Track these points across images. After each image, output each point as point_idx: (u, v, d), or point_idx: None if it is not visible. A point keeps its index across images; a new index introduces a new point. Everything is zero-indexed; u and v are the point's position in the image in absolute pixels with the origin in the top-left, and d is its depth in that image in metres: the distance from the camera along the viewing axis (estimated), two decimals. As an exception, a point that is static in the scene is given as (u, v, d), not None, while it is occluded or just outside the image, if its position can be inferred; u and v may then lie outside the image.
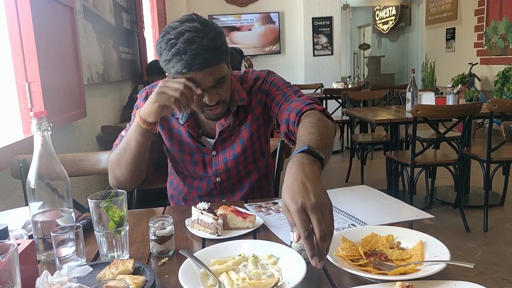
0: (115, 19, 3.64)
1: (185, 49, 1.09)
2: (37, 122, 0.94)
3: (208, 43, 1.11)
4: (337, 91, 5.06)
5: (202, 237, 1.06)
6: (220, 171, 1.39)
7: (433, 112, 2.84)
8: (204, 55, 1.10)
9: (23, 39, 1.87)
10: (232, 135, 1.37)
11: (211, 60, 1.13)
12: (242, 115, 1.37)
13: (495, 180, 3.21)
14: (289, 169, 0.83)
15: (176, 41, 1.10)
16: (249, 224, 1.09)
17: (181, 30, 1.11)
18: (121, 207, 0.94)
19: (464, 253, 2.62)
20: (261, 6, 7.48)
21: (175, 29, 1.12)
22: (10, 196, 1.76)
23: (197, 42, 1.10)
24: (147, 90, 1.38)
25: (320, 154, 0.87)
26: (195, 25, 1.12)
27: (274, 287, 0.77)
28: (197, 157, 1.38)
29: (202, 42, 1.10)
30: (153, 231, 0.97)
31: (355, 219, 1.10)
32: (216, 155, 1.38)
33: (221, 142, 1.37)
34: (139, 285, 0.79)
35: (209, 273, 0.83)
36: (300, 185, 0.78)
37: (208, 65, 1.12)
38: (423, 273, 0.79)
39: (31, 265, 0.84)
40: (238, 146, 1.38)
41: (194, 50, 1.09)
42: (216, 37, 1.14)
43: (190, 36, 1.10)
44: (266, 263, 0.88)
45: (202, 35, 1.11)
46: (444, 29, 7.60)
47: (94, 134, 2.97)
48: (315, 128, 1.02)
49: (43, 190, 0.96)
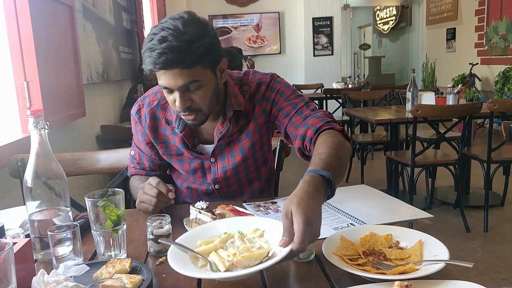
0: (115, 18, 3.63)
1: (155, 47, 1.07)
2: (34, 121, 0.93)
3: (179, 44, 1.06)
4: (337, 91, 5.06)
5: None
6: (219, 179, 1.36)
7: (433, 112, 2.84)
8: (169, 55, 1.07)
9: (21, 38, 1.87)
10: (231, 141, 1.33)
11: (177, 62, 1.08)
12: (242, 121, 1.32)
13: (495, 180, 3.20)
14: (307, 184, 0.88)
15: (154, 37, 1.09)
16: None
17: (163, 26, 1.09)
18: (119, 206, 0.93)
19: (464, 253, 2.61)
20: (261, 6, 7.47)
21: (161, 23, 1.11)
22: (8, 196, 1.76)
23: (169, 41, 1.07)
24: (139, 103, 1.36)
25: (334, 190, 0.93)
26: (176, 24, 1.08)
27: (267, 257, 0.79)
28: (195, 165, 1.36)
29: (173, 43, 1.06)
30: (150, 230, 0.97)
31: (354, 219, 1.10)
32: (215, 162, 1.35)
33: (219, 149, 1.34)
34: (136, 284, 0.78)
35: (197, 255, 0.84)
36: (314, 207, 0.83)
37: (172, 66, 1.08)
38: (422, 272, 0.79)
39: (28, 264, 0.84)
40: (238, 154, 1.34)
41: (162, 49, 1.06)
42: (194, 40, 1.09)
43: (165, 35, 1.07)
44: (253, 237, 0.89)
45: (177, 34, 1.07)
46: (444, 29, 7.60)
47: (93, 133, 2.96)
48: (336, 156, 1.01)
49: (40, 189, 0.96)
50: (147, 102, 1.35)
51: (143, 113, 1.34)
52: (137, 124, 1.36)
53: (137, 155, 1.42)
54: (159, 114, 1.33)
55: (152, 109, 1.33)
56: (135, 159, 1.42)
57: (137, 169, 1.42)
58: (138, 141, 1.39)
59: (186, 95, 1.15)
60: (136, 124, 1.37)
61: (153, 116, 1.33)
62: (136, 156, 1.42)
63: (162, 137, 1.35)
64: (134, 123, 1.38)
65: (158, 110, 1.33)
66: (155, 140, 1.35)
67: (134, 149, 1.42)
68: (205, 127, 1.32)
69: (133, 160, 1.43)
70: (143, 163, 1.41)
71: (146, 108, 1.34)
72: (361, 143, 4.07)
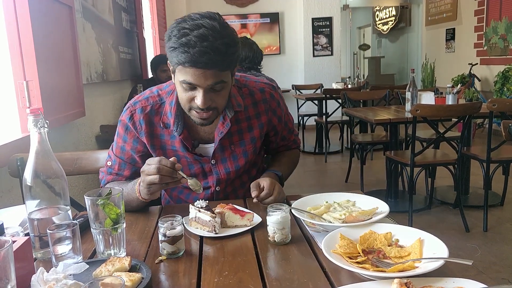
0: (115, 18, 3.63)
1: (195, 43, 1.06)
2: (33, 119, 0.93)
3: (220, 46, 1.08)
4: (337, 91, 5.05)
5: (200, 235, 1.06)
6: (222, 181, 1.37)
7: (432, 112, 2.84)
8: (212, 55, 1.07)
9: (21, 38, 1.87)
10: (232, 143, 1.34)
11: (217, 63, 1.09)
12: (244, 123, 1.34)
13: (495, 180, 3.20)
14: (268, 176, 1.32)
15: (190, 32, 1.07)
16: (247, 222, 1.09)
17: (199, 23, 1.08)
18: (118, 204, 0.93)
19: (464, 253, 2.61)
20: (261, 6, 7.48)
21: (193, 20, 1.09)
22: (8, 195, 1.76)
23: (211, 41, 1.07)
24: (130, 109, 1.31)
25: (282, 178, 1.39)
26: (214, 24, 1.09)
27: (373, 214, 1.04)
28: (196, 169, 1.34)
29: (215, 43, 1.07)
30: (163, 232, 0.94)
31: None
32: (216, 164, 1.35)
33: (220, 150, 1.33)
34: (135, 283, 0.78)
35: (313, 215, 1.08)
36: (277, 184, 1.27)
37: (212, 67, 1.09)
38: (421, 270, 0.79)
39: (27, 263, 0.84)
40: (241, 158, 1.36)
41: (204, 48, 1.06)
42: (230, 44, 1.11)
43: (206, 33, 1.07)
44: (347, 206, 1.13)
45: (218, 36, 1.08)
46: (444, 29, 7.60)
47: (93, 133, 2.96)
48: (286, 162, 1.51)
49: (40, 187, 0.96)
50: (139, 107, 1.30)
51: (137, 119, 1.29)
52: (129, 131, 1.30)
53: (116, 165, 1.34)
54: (154, 120, 1.29)
55: (146, 115, 1.29)
56: (113, 170, 1.34)
57: (115, 176, 1.35)
58: (122, 150, 1.33)
59: (210, 94, 1.16)
60: (128, 132, 1.31)
61: (149, 121, 1.29)
62: (114, 167, 1.34)
63: (159, 143, 1.31)
64: (124, 131, 1.31)
65: (153, 116, 1.29)
66: (152, 146, 1.31)
67: (113, 159, 1.35)
68: (205, 128, 1.32)
69: (110, 171, 1.35)
70: (122, 173, 1.34)
71: (140, 113, 1.29)
72: (360, 143, 4.07)
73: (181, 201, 1.43)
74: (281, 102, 1.43)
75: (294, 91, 6.26)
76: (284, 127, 1.47)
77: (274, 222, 0.98)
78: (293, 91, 6.35)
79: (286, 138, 1.51)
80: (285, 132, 1.49)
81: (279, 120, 1.42)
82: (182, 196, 1.43)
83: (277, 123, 1.42)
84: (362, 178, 3.94)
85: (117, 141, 1.34)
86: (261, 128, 1.37)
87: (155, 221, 1.15)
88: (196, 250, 0.99)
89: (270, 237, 1.00)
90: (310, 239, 1.02)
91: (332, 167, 5.04)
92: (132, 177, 1.32)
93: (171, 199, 1.48)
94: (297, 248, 0.98)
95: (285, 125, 1.47)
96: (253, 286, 0.81)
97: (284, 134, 1.49)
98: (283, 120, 1.44)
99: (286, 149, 1.55)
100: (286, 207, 1.00)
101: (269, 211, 1.00)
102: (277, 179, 1.33)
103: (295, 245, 0.99)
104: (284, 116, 1.44)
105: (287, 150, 1.55)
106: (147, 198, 1.16)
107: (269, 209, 1.00)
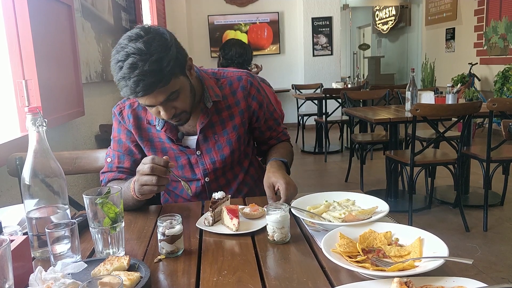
0: (114, 18, 3.63)
1: (129, 75, 1.09)
2: (32, 118, 0.93)
3: (151, 67, 1.08)
4: (337, 91, 5.05)
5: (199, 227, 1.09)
6: (209, 171, 1.39)
7: (432, 111, 2.83)
8: (146, 81, 1.09)
9: (20, 36, 1.86)
10: (215, 133, 1.37)
11: (155, 84, 1.10)
12: (224, 113, 1.37)
13: (495, 180, 3.20)
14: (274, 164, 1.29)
15: (122, 64, 1.10)
16: (232, 226, 1.07)
17: (127, 51, 1.09)
18: (117, 203, 0.93)
19: (464, 253, 2.61)
20: (261, 6, 7.47)
21: (123, 48, 1.11)
22: (7, 194, 1.75)
23: (140, 67, 1.08)
24: (120, 105, 1.38)
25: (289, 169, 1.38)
26: (139, 47, 1.09)
27: None
28: (182, 161, 1.39)
29: (145, 67, 1.08)
30: (162, 231, 0.94)
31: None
32: (201, 155, 1.38)
33: (203, 141, 1.37)
34: (134, 282, 0.78)
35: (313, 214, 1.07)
36: (285, 173, 1.25)
37: (151, 90, 1.11)
38: (421, 269, 0.78)
39: (25, 262, 0.83)
40: (225, 147, 1.38)
41: (136, 76, 1.08)
42: (162, 58, 1.10)
43: (134, 61, 1.08)
44: (347, 205, 1.13)
45: (145, 58, 1.08)
46: (443, 29, 7.60)
47: (92, 133, 2.96)
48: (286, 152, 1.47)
49: (38, 186, 0.95)
50: (127, 104, 1.38)
51: (126, 114, 1.37)
52: (120, 123, 1.38)
53: (115, 159, 1.38)
54: (141, 114, 1.37)
55: (134, 110, 1.37)
56: (113, 164, 1.38)
57: (116, 173, 1.38)
58: (119, 143, 1.39)
59: (169, 105, 1.20)
60: (120, 124, 1.38)
61: (136, 116, 1.36)
62: (114, 161, 1.38)
63: (147, 136, 1.37)
64: (117, 124, 1.39)
65: (140, 111, 1.37)
66: (140, 138, 1.37)
67: (112, 154, 1.39)
68: None
69: (110, 166, 1.38)
70: (122, 165, 1.37)
71: (128, 109, 1.37)
72: (360, 142, 4.06)
73: (178, 196, 1.46)
74: (261, 90, 1.43)
75: (294, 90, 6.26)
76: (268, 115, 1.47)
77: (273, 221, 0.98)
78: (293, 91, 6.35)
79: (272, 128, 1.50)
80: (270, 122, 1.48)
81: (260, 106, 1.42)
82: (176, 191, 1.46)
83: (257, 108, 1.42)
84: (362, 177, 3.94)
85: (113, 136, 1.41)
86: (242, 115, 1.39)
87: (154, 220, 1.15)
88: (195, 249, 0.99)
89: (269, 236, 1.00)
90: (309, 238, 1.02)
91: (332, 167, 5.04)
92: (133, 169, 1.35)
93: (168, 195, 1.50)
94: (297, 247, 0.97)
95: (270, 114, 1.47)
96: (252, 285, 0.81)
97: (270, 124, 1.48)
98: (264, 107, 1.44)
99: (277, 141, 1.53)
100: (286, 206, 1.00)
101: (268, 210, 0.99)
102: (284, 166, 1.32)
103: (294, 244, 0.99)
104: (266, 104, 1.45)
105: (279, 142, 1.53)
106: (141, 198, 1.18)
107: (268, 208, 1.00)
